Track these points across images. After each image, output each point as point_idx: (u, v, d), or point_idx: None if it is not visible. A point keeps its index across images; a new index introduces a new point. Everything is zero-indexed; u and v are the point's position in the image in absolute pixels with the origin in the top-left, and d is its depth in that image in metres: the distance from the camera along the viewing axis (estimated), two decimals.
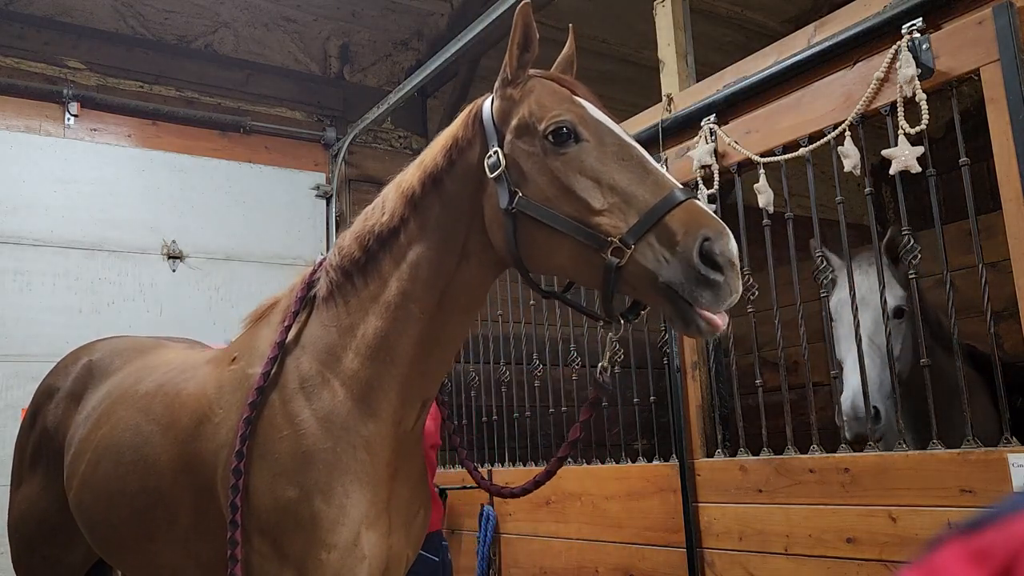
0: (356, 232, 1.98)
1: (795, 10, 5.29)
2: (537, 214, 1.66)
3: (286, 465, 1.85)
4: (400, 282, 1.87)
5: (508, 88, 1.78)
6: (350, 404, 1.88)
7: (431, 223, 1.86)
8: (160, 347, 2.75)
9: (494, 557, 3.82)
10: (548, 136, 1.67)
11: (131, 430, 2.28)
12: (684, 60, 3.27)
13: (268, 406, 1.92)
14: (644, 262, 1.54)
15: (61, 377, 2.85)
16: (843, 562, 2.38)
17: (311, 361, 1.94)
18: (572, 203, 1.63)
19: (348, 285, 1.95)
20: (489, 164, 1.74)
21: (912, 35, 2.34)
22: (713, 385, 3.02)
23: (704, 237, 1.50)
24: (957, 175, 2.32)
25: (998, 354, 2.23)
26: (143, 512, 2.18)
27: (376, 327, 1.89)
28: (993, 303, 2.25)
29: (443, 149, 1.86)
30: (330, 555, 1.81)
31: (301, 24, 5.62)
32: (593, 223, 1.59)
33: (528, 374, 3.99)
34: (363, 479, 1.86)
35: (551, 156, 1.67)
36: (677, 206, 1.54)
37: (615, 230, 1.57)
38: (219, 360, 2.23)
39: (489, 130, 1.78)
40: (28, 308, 4.54)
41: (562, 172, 1.65)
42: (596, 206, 1.60)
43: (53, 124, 4.85)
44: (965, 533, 0.50)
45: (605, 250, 1.57)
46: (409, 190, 1.89)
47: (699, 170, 2.96)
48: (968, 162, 2.30)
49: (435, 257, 1.85)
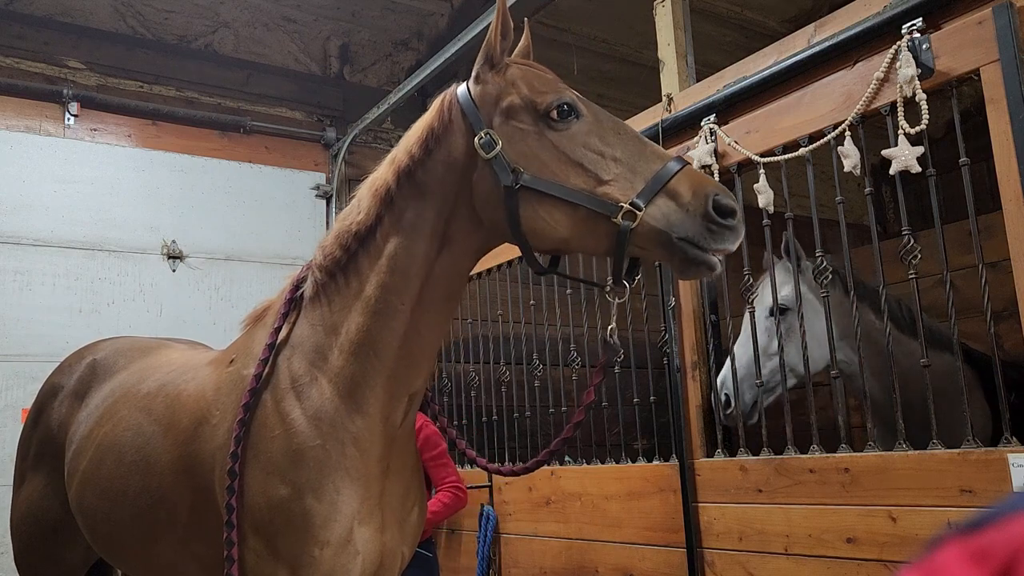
0: (336, 232, 2.01)
1: (795, 10, 5.29)
2: (545, 188, 1.73)
3: (278, 464, 1.87)
4: (379, 277, 1.89)
5: (491, 73, 1.86)
6: (337, 401, 1.90)
7: (407, 216, 1.88)
8: (163, 347, 2.76)
9: (494, 557, 3.82)
10: (551, 114, 1.76)
11: (133, 430, 2.29)
12: (684, 60, 3.27)
13: (261, 406, 1.94)
14: (655, 223, 1.66)
15: (65, 376, 2.86)
16: (843, 562, 2.38)
17: (301, 361, 1.96)
18: (580, 175, 1.73)
19: (332, 284, 1.98)
20: (482, 145, 1.79)
21: (912, 35, 2.34)
22: (713, 385, 3.02)
23: (714, 194, 1.66)
24: (957, 175, 2.32)
25: (998, 354, 2.23)
26: (144, 512, 2.19)
27: (359, 323, 1.91)
28: (993, 303, 2.25)
29: (419, 140, 1.90)
30: (323, 552, 1.82)
31: (301, 24, 5.62)
32: (601, 192, 1.70)
33: (528, 374, 3.99)
34: (353, 475, 1.88)
35: (553, 133, 1.76)
36: (678, 172, 1.69)
37: (624, 196, 1.68)
38: (218, 362, 2.25)
39: (473, 114, 1.84)
40: (28, 308, 4.54)
41: (567, 147, 1.75)
42: (604, 176, 1.71)
43: (53, 124, 4.85)
44: (965, 533, 0.50)
45: (616, 215, 1.67)
46: (383, 186, 1.92)
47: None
48: (968, 162, 2.30)
49: (413, 248, 1.87)
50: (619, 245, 1.69)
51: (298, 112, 5.72)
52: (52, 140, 4.81)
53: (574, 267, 3.66)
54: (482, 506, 3.88)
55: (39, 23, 4.92)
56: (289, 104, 5.69)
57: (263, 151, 5.49)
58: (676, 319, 3.09)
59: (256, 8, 5.38)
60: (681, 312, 3.08)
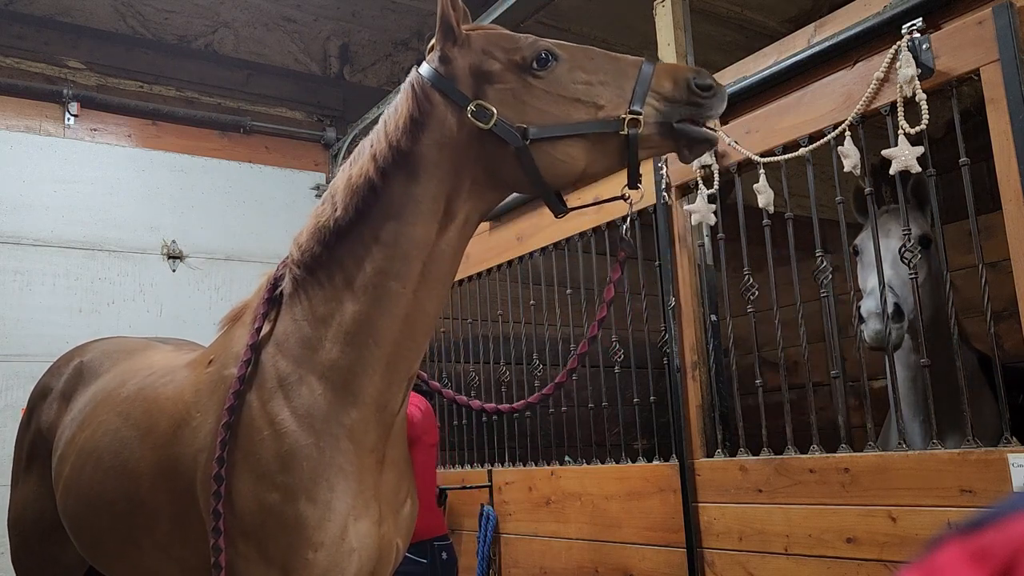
0: (312, 228, 1.98)
1: (795, 10, 5.28)
2: (556, 132, 1.82)
3: (268, 467, 1.84)
4: (374, 264, 1.88)
5: (455, 48, 1.91)
6: (330, 395, 1.88)
7: (399, 203, 1.87)
8: (148, 349, 2.72)
9: (494, 557, 3.82)
10: (533, 65, 1.85)
11: (111, 434, 2.26)
12: (684, 60, 3.27)
13: (247, 408, 1.91)
14: (654, 119, 1.81)
15: (55, 378, 2.85)
16: (843, 562, 2.38)
17: (287, 358, 1.93)
18: (579, 108, 1.83)
19: (312, 280, 1.95)
20: (476, 117, 1.83)
21: (912, 35, 2.34)
22: (713, 385, 3.02)
23: (692, 78, 1.81)
24: (957, 175, 2.32)
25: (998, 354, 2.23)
26: (124, 518, 2.16)
27: (354, 311, 1.89)
28: (993, 303, 2.25)
29: (403, 130, 1.88)
30: (317, 554, 1.81)
31: (301, 24, 5.62)
32: (603, 115, 1.82)
33: (528, 374, 3.99)
34: (348, 470, 1.86)
35: (541, 81, 1.85)
36: (654, 70, 1.84)
37: (622, 109, 1.80)
38: (197, 363, 2.21)
39: (453, 91, 1.87)
40: (28, 308, 4.54)
41: (558, 88, 1.84)
42: (600, 101, 1.82)
43: (53, 124, 4.85)
44: (965, 533, 0.50)
45: (622, 127, 1.79)
46: (365, 181, 1.89)
47: (699, 170, 2.96)
48: (968, 162, 2.30)
49: (412, 232, 1.87)
50: (632, 153, 1.81)
51: (298, 112, 5.72)
52: (52, 140, 4.81)
53: (574, 268, 3.66)
54: (482, 506, 3.87)
55: (39, 23, 4.92)
56: (289, 104, 5.69)
57: (263, 151, 5.49)
58: (676, 319, 3.09)
59: (256, 8, 5.38)
60: (681, 312, 3.08)
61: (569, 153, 1.83)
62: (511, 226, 4.06)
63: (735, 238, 2.94)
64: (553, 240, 3.76)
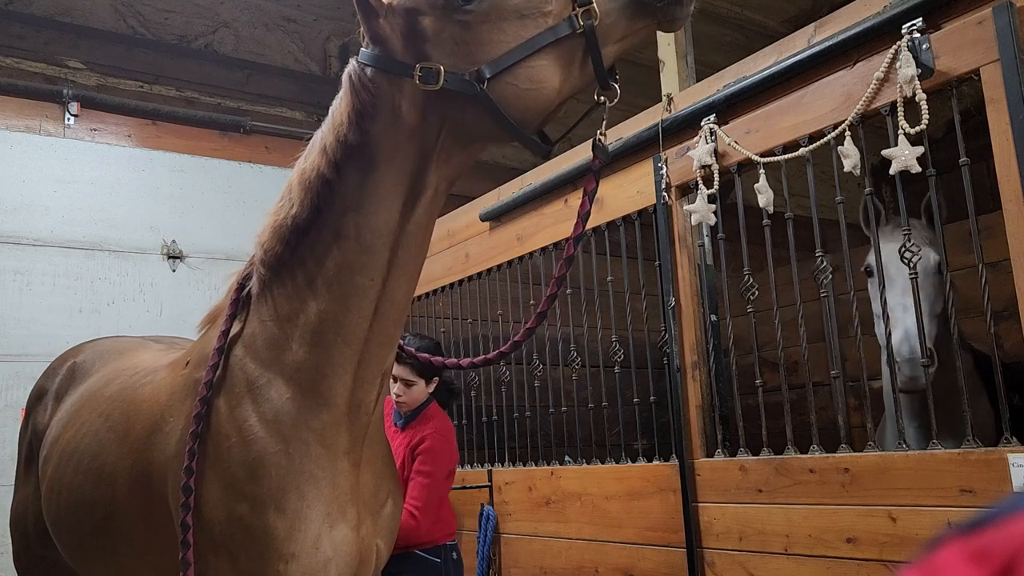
0: (272, 226, 1.89)
1: (795, 10, 5.28)
2: (511, 60, 1.65)
3: (236, 476, 1.76)
4: (337, 259, 1.79)
5: (383, 20, 1.74)
6: (299, 398, 1.79)
7: (356, 195, 1.78)
8: (139, 348, 2.66)
9: (494, 557, 3.82)
10: (464, 5, 1.66)
11: (91, 436, 2.21)
12: (684, 60, 3.27)
13: (215, 414, 1.83)
14: (611, 5, 1.63)
15: (50, 379, 2.84)
16: (843, 562, 2.38)
17: (255, 360, 1.86)
18: (525, 23, 1.65)
19: (277, 279, 1.87)
20: (424, 78, 1.68)
21: (912, 35, 2.34)
22: (713, 385, 3.02)
23: None
24: (957, 175, 2.32)
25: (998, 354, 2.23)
26: (101, 523, 2.11)
27: (319, 310, 1.80)
28: (993, 303, 2.25)
29: (349, 124, 1.77)
30: (288, 565, 1.74)
31: (301, 24, 5.61)
32: (552, 21, 1.64)
33: (528, 374, 3.99)
34: (319, 476, 1.79)
35: (475, 13, 1.66)
36: None
37: (569, 5, 1.63)
38: (175, 364, 2.15)
39: (394, 66, 1.73)
40: (28, 308, 4.54)
41: (497, 12, 1.65)
42: (545, 7, 1.64)
43: (53, 124, 4.85)
44: (965, 533, 0.50)
45: (577, 23, 1.62)
46: (317, 177, 1.80)
47: (699, 170, 2.96)
48: (968, 162, 2.30)
49: (374, 221, 1.77)
50: (593, 48, 1.64)
51: (298, 112, 5.72)
52: (52, 140, 4.80)
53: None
54: (482, 506, 3.88)
55: (39, 23, 4.92)
56: (289, 104, 5.69)
57: (263, 151, 5.48)
58: (676, 319, 3.09)
59: (256, 8, 5.38)
60: (681, 312, 3.08)
61: (532, 77, 1.65)
62: (511, 226, 4.06)
63: (735, 238, 2.94)
64: (553, 240, 3.76)
